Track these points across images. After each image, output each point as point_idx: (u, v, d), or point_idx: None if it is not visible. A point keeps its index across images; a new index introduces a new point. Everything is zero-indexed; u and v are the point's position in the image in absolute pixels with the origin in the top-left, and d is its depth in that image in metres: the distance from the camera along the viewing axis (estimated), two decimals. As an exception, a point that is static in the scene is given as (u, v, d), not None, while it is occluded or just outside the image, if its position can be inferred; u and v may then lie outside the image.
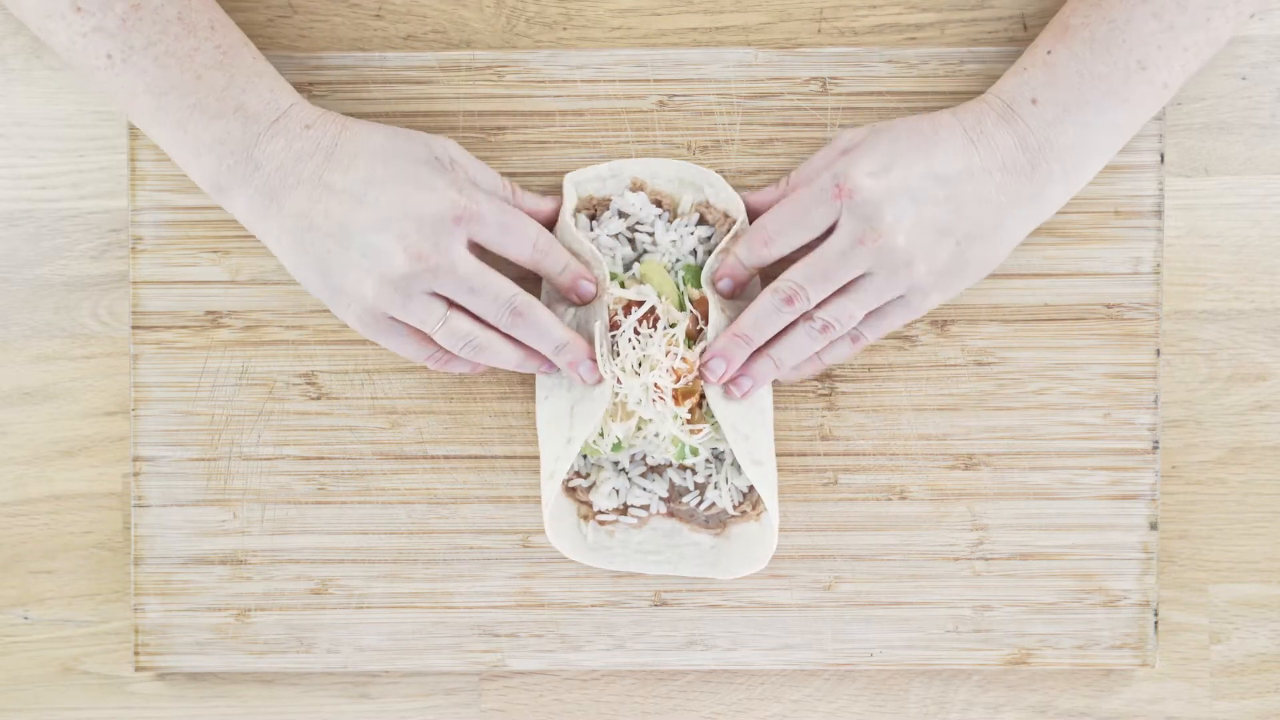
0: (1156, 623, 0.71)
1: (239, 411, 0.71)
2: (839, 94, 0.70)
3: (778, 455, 0.71)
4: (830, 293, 0.65)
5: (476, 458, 0.71)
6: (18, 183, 0.72)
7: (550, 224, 0.69)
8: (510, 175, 0.70)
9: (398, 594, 0.71)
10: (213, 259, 0.71)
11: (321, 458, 0.71)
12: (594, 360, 0.66)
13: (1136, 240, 0.71)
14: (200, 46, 0.63)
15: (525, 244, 0.65)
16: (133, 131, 0.70)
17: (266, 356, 0.71)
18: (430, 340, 0.66)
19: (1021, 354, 0.71)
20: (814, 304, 0.65)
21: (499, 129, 0.71)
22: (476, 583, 0.72)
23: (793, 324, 0.66)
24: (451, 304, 0.65)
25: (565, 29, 0.72)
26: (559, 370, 0.67)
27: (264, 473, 0.71)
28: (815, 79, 0.70)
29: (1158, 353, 0.71)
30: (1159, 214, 0.71)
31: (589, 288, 0.67)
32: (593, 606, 0.72)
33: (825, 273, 0.64)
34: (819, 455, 0.71)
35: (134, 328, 0.71)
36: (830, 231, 0.65)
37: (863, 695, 0.73)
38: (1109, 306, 0.71)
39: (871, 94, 0.70)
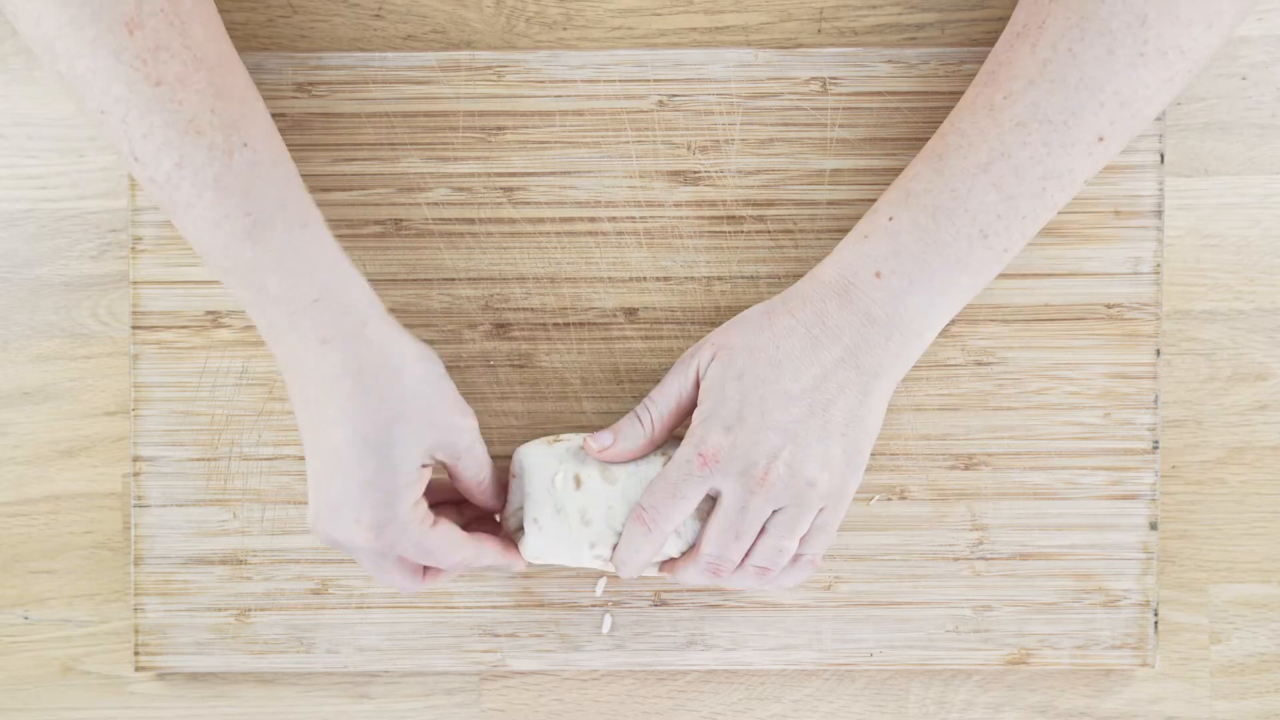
0: (1156, 623, 0.71)
1: (239, 411, 0.71)
2: (839, 94, 0.70)
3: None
4: (749, 545, 0.64)
5: (476, 458, 0.71)
6: (18, 183, 0.72)
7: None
8: (510, 175, 0.70)
9: (398, 594, 0.71)
10: (213, 259, 0.71)
11: (321, 458, 0.71)
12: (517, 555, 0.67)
13: (1136, 240, 0.71)
14: (230, 214, 0.60)
15: (449, 561, 0.64)
16: (133, 131, 0.70)
17: (266, 356, 0.71)
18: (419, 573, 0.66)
19: (1021, 354, 0.71)
20: (738, 562, 0.64)
21: (499, 129, 0.71)
22: (476, 583, 0.72)
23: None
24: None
25: (565, 29, 0.72)
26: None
27: (264, 473, 0.71)
28: (815, 79, 0.70)
29: (1158, 353, 0.71)
30: (1159, 214, 0.71)
31: (517, 566, 0.67)
32: (593, 606, 0.72)
33: (736, 534, 0.63)
34: (819, 455, 0.71)
35: (134, 328, 0.71)
36: (718, 493, 0.64)
37: (863, 695, 0.73)
38: (1109, 306, 0.71)
39: (871, 94, 0.70)
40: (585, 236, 0.71)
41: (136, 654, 0.72)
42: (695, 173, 0.71)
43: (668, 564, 0.67)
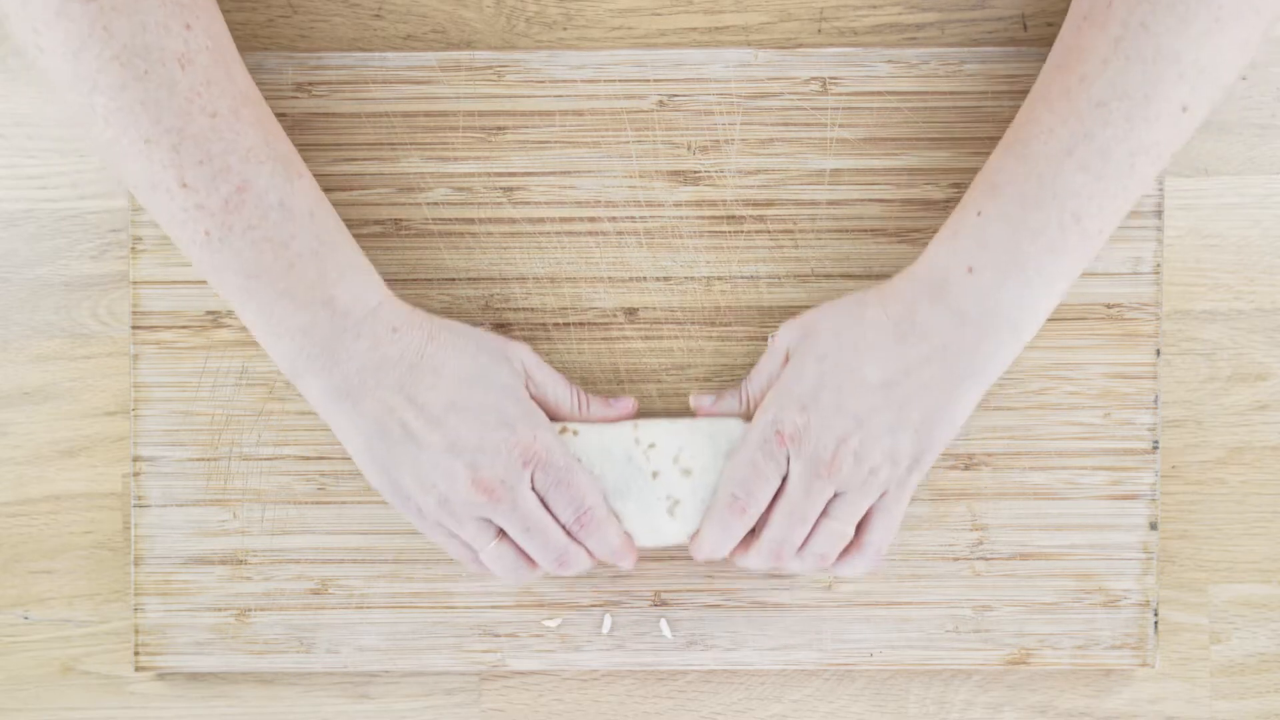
0: (1156, 623, 0.71)
1: (239, 411, 0.71)
2: (839, 94, 0.70)
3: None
4: (810, 528, 0.65)
5: (476, 458, 0.71)
6: (18, 183, 0.72)
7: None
8: (510, 175, 0.70)
9: (398, 594, 0.71)
10: (213, 259, 0.71)
11: (321, 458, 0.71)
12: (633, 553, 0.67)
13: (1136, 240, 0.71)
14: (298, 234, 0.62)
15: (569, 508, 0.66)
16: (133, 131, 0.70)
17: (266, 356, 0.71)
18: (472, 550, 0.67)
19: (1022, 354, 0.71)
20: (798, 546, 0.65)
21: (499, 129, 0.71)
22: (476, 583, 0.72)
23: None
24: (502, 532, 0.66)
25: (565, 29, 0.72)
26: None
27: (264, 473, 0.71)
28: (815, 79, 0.70)
29: (1158, 353, 0.71)
30: (1159, 214, 0.71)
31: (626, 563, 0.67)
32: (593, 606, 0.72)
33: (800, 517, 0.64)
34: (819, 455, 0.71)
35: (134, 328, 0.71)
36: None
37: (863, 695, 0.73)
38: (1109, 306, 0.71)
39: (871, 94, 0.70)
40: (585, 236, 0.71)
41: (136, 654, 0.71)
42: (695, 173, 0.71)
43: (736, 549, 0.67)
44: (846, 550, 0.66)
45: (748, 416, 0.68)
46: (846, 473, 0.63)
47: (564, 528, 0.66)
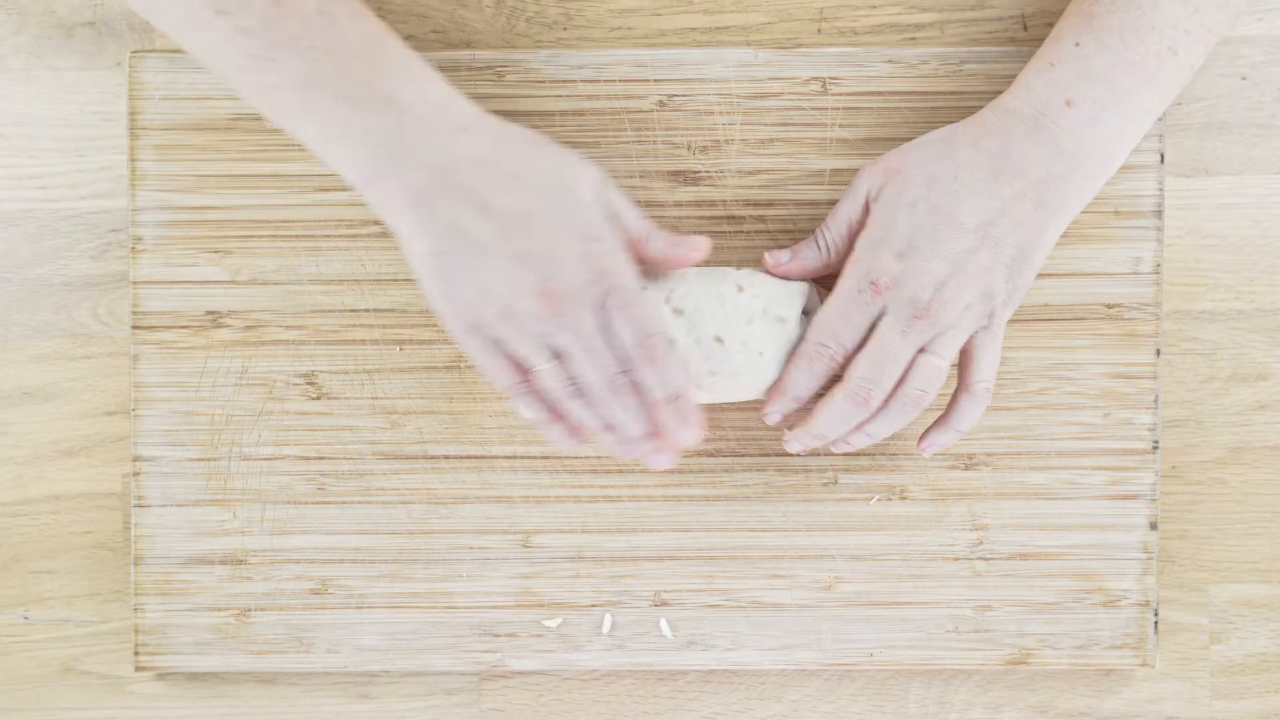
0: (1156, 623, 0.71)
1: (239, 411, 0.71)
2: (839, 94, 0.70)
3: (776, 456, 0.71)
4: (901, 373, 0.64)
5: (476, 458, 0.71)
6: (18, 183, 0.72)
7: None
8: (510, 175, 0.70)
9: (398, 594, 0.71)
10: (213, 259, 0.71)
11: (321, 458, 0.71)
12: (676, 452, 0.64)
13: (1136, 240, 0.71)
14: (344, 36, 0.61)
15: (635, 331, 0.62)
16: (133, 131, 0.70)
17: (266, 356, 0.71)
18: (521, 371, 0.64)
19: (1021, 354, 0.71)
20: (888, 391, 0.64)
21: (499, 129, 0.71)
22: (476, 583, 0.72)
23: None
24: (556, 353, 0.63)
25: (565, 29, 0.72)
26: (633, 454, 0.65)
27: (264, 473, 0.71)
28: (815, 79, 0.70)
29: (1158, 353, 0.71)
30: (1159, 214, 0.71)
31: (684, 427, 0.64)
32: (593, 606, 0.72)
33: (893, 357, 0.63)
34: (819, 455, 0.71)
35: (134, 328, 0.71)
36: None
37: (863, 695, 0.73)
38: (1109, 306, 0.71)
39: (871, 94, 0.70)
40: (585, 236, 0.71)
41: (136, 654, 0.72)
42: (695, 173, 0.71)
43: (818, 400, 0.65)
44: (954, 401, 0.66)
45: (829, 267, 0.66)
46: (941, 312, 0.63)
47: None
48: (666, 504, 0.71)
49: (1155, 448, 0.71)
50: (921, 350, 0.64)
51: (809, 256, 0.66)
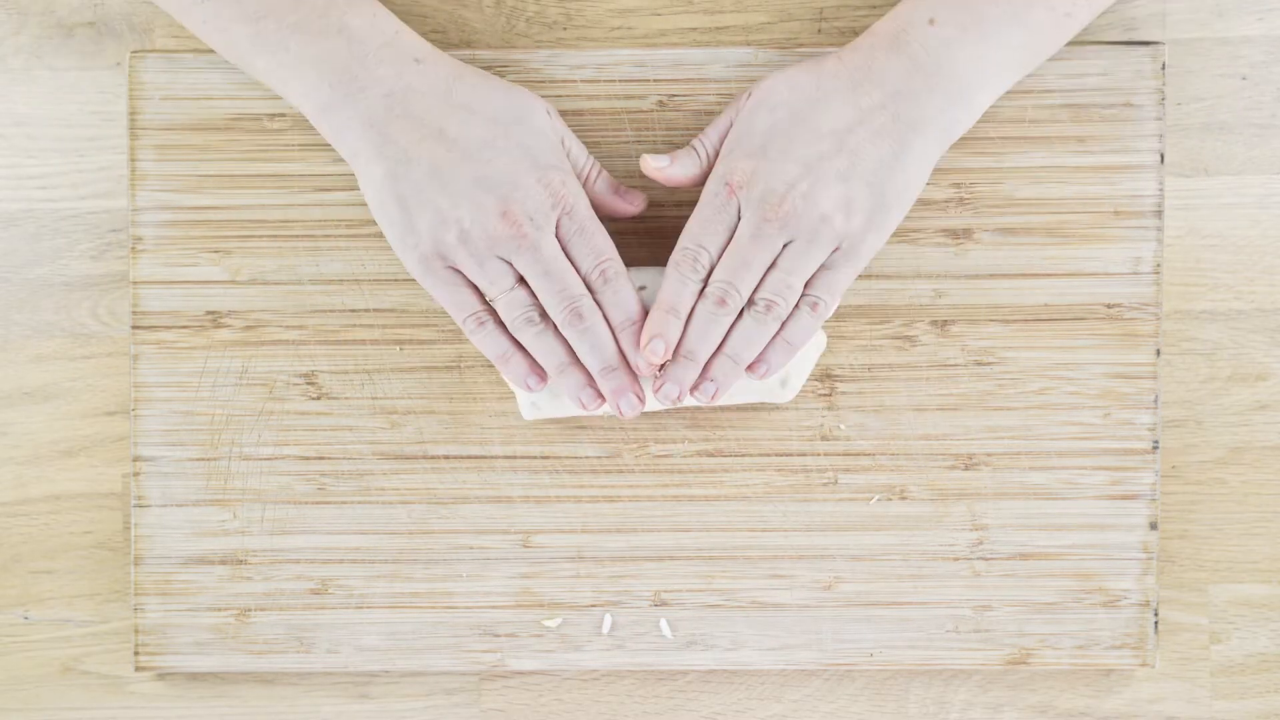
0: (1156, 623, 0.71)
1: (239, 411, 0.71)
2: (839, 94, 0.70)
3: (776, 456, 0.71)
4: (759, 278, 0.64)
5: (476, 458, 0.71)
6: (18, 183, 0.72)
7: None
8: (510, 175, 0.70)
9: (398, 594, 0.71)
10: (213, 259, 0.71)
11: (321, 458, 0.71)
12: (639, 396, 0.65)
13: (1136, 240, 0.71)
14: None
15: (591, 256, 0.64)
16: (133, 131, 0.70)
17: (266, 356, 0.71)
18: (480, 299, 0.65)
19: (1021, 354, 0.71)
20: (746, 296, 0.64)
21: (499, 129, 0.71)
22: (476, 583, 0.72)
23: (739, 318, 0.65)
24: (517, 279, 0.64)
25: (565, 29, 0.72)
26: (595, 400, 0.66)
27: (264, 473, 0.71)
28: (815, 79, 0.70)
29: (1158, 353, 0.71)
30: (1159, 214, 0.71)
31: (643, 351, 0.65)
32: (593, 606, 0.72)
33: (745, 261, 0.63)
34: (819, 455, 0.71)
35: (134, 328, 0.71)
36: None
37: (863, 695, 0.73)
38: (1109, 306, 0.71)
39: (871, 94, 0.70)
40: (585, 236, 0.71)
41: (136, 654, 0.72)
42: (695, 173, 0.71)
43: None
44: (795, 311, 0.65)
45: (704, 174, 0.67)
46: (795, 218, 0.63)
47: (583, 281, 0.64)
48: (666, 504, 0.71)
49: (1155, 448, 0.71)
50: (772, 265, 0.64)
51: (688, 163, 0.67)
